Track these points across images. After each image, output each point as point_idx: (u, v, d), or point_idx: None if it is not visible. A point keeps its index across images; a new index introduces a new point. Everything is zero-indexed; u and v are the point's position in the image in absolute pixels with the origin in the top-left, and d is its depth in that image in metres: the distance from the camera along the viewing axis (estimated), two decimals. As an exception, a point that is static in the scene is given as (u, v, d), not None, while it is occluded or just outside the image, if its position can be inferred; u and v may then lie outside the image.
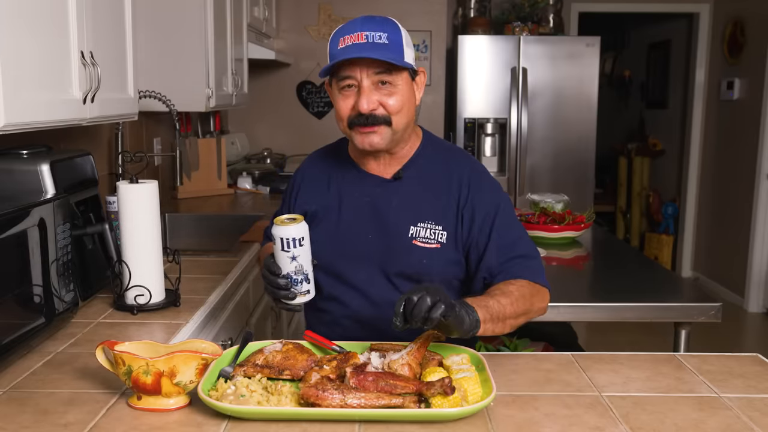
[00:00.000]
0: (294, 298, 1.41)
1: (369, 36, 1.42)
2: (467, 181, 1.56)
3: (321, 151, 1.73)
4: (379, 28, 1.44)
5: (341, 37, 1.44)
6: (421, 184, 1.57)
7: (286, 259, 1.37)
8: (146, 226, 1.72)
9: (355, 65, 1.44)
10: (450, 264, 1.55)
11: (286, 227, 1.37)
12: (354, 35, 1.43)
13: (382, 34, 1.43)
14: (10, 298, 1.38)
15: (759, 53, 4.97)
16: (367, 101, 1.44)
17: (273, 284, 1.39)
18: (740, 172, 5.20)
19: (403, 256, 1.53)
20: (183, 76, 2.88)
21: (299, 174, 1.71)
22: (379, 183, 1.58)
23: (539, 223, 2.86)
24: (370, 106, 1.45)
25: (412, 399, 1.17)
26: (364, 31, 1.42)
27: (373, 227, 1.56)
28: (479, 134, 4.79)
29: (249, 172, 4.06)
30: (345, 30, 1.45)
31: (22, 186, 1.58)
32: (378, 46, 1.42)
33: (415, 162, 1.59)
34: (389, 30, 1.45)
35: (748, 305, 5.09)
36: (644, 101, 7.09)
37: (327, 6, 4.94)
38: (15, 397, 1.25)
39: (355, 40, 1.42)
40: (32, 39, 1.49)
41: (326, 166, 1.66)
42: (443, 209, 1.54)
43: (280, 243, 1.37)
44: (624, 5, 5.83)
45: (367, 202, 1.57)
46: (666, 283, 2.42)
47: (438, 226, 1.53)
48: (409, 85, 1.50)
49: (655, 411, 1.21)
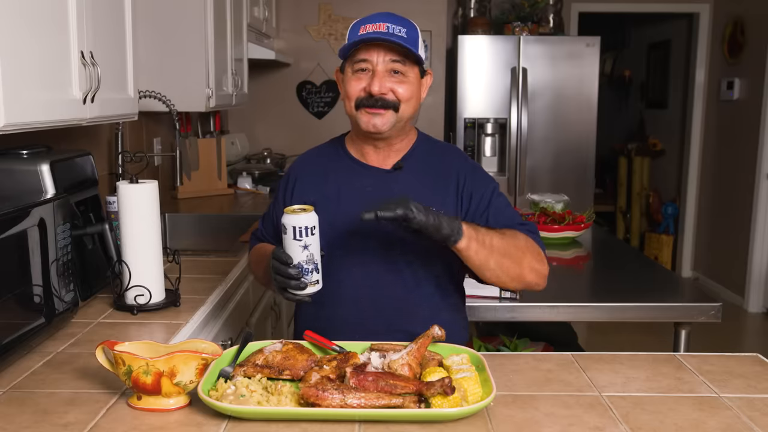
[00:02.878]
0: (305, 288, 1.40)
1: (390, 27, 1.51)
2: (463, 171, 1.62)
3: (315, 149, 1.75)
4: (400, 23, 1.53)
5: (363, 24, 1.53)
6: (421, 173, 1.61)
7: (298, 248, 1.37)
8: (146, 226, 1.72)
9: (372, 50, 1.51)
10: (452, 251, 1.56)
11: (298, 215, 1.37)
12: (376, 24, 1.51)
13: (402, 29, 1.52)
14: (10, 298, 1.38)
15: (759, 53, 4.97)
16: (379, 84, 1.51)
17: (284, 274, 1.39)
18: (740, 172, 5.20)
19: (406, 243, 1.56)
20: (183, 76, 2.88)
21: (293, 171, 1.72)
22: (379, 173, 1.62)
23: (539, 223, 2.86)
24: (382, 89, 1.52)
25: (412, 399, 1.17)
26: (386, 23, 1.51)
27: None
28: (479, 134, 4.79)
29: (249, 172, 4.06)
30: (367, 20, 1.54)
31: (22, 186, 1.58)
32: (398, 38, 1.50)
33: (412, 154, 1.64)
34: (408, 27, 1.54)
35: (748, 305, 5.09)
36: (644, 101, 7.09)
37: (327, 6, 4.94)
38: (15, 397, 1.25)
39: (376, 29, 1.51)
40: (32, 39, 1.49)
41: (322, 161, 1.69)
42: (443, 196, 1.59)
43: (292, 232, 1.36)
44: (624, 5, 5.83)
45: (368, 191, 1.59)
46: (666, 283, 2.42)
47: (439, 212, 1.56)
48: (419, 81, 1.59)
49: (655, 411, 1.21)
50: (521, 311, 2.04)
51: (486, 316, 2.07)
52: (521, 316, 2.05)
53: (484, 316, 2.06)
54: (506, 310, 2.03)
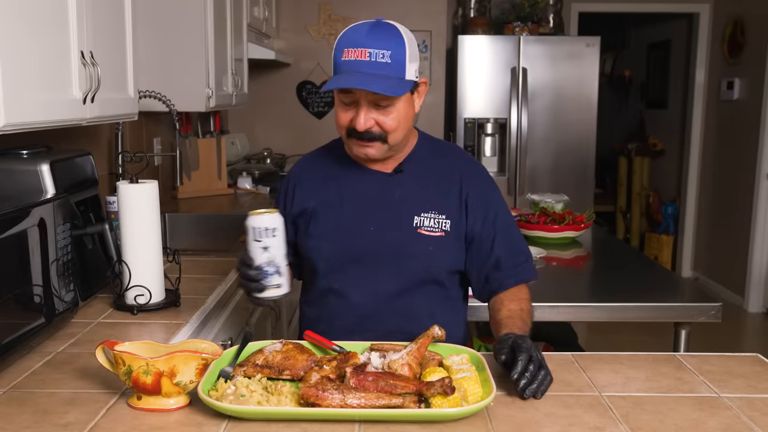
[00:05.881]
0: (263, 291, 1.41)
1: (372, 54, 1.41)
2: (466, 173, 1.62)
3: (314, 153, 1.73)
4: (384, 44, 1.42)
5: (345, 48, 1.43)
6: (422, 176, 1.60)
7: (258, 249, 1.38)
8: (146, 226, 1.72)
9: None
10: (454, 251, 1.59)
11: (259, 217, 1.38)
12: (358, 51, 1.42)
13: (386, 52, 1.42)
14: (10, 298, 1.38)
15: (759, 53, 4.97)
16: (363, 120, 1.47)
17: (244, 275, 1.41)
18: (740, 172, 5.20)
19: (409, 245, 1.56)
20: (183, 76, 2.88)
21: (293, 176, 1.70)
22: (380, 177, 1.60)
23: (539, 223, 2.86)
24: (367, 125, 1.48)
25: (412, 399, 1.17)
26: (368, 48, 1.41)
27: (376, 220, 1.57)
28: (479, 134, 4.79)
29: (249, 172, 4.06)
30: (351, 40, 1.43)
31: (22, 186, 1.58)
32: (380, 66, 1.41)
33: (414, 157, 1.62)
34: (393, 46, 1.43)
35: (748, 305, 5.09)
36: (644, 101, 7.09)
37: (327, 6, 4.94)
38: (15, 397, 1.25)
39: (358, 56, 1.41)
40: (32, 39, 1.49)
41: (322, 165, 1.67)
42: (445, 199, 1.58)
43: (252, 233, 1.38)
44: (624, 5, 5.83)
45: (370, 196, 1.59)
46: (666, 283, 2.42)
47: (441, 215, 1.57)
48: (409, 101, 1.51)
49: (655, 411, 1.21)
50: (521, 311, 2.03)
51: (486, 316, 2.06)
52: (521, 316, 2.04)
53: (484, 316, 2.05)
54: (506, 310, 2.03)
